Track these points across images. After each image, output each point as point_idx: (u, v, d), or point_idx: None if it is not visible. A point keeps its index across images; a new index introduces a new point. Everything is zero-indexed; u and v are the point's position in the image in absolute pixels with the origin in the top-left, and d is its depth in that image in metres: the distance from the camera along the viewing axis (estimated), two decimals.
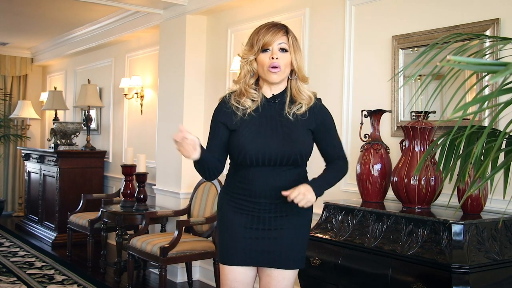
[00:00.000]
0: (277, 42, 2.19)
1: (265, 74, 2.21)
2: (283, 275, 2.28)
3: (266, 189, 2.23)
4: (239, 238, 2.26)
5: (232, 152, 2.26)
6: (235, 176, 2.30)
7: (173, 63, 5.06)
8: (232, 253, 2.27)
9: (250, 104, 2.24)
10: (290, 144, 2.20)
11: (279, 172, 2.23)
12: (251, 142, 2.20)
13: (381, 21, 3.43)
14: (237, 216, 2.27)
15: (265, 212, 2.25)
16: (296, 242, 2.28)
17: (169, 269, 4.52)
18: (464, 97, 1.80)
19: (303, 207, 2.17)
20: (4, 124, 8.37)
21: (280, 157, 2.19)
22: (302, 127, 2.24)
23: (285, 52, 2.20)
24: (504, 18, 2.78)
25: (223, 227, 2.32)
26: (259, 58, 2.20)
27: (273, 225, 2.25)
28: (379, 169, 3.00)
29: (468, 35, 2.01)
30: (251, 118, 2.23)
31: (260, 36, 2.19)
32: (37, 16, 6.36)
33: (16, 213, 8.54)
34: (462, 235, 2.36)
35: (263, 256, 2.26)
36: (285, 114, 2.24)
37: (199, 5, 4.75)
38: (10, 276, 4.87)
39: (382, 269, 2.53)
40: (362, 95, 3.54)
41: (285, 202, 2.19)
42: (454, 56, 1.02)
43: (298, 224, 2.29)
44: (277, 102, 2.27)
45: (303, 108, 2.25)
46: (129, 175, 5.15)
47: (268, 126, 2.22)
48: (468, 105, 1.09)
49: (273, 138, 2.20)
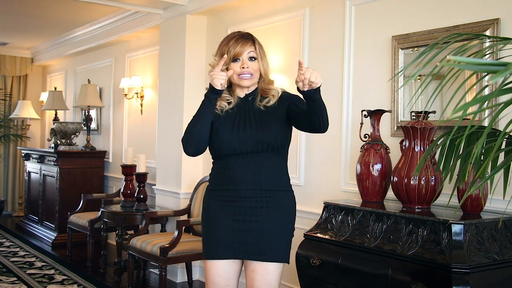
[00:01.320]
0: (247, 52, 2.39)
1: (237, 81, 2.41)
2: (267, 269, 2.34)
3: (246, 174, 2.35)
4: (222, 230, 2.36)
5: (212, 146, 2.42)
6: (216, 169, 2.46)
7: (173, 63, 5.06)
8: (215, 247, 2.38)
9: (226, 105, 2.44)
10: (263, 129, 2.36)
11: (258, 159, 2.36)
12: (227, 134, 2.37)
13: (381, 21, 3.43)
14: (220, 209, 2.38)
15: (246, 201, 2.35)
16: (278, 236, 2.36)
17: (169, 269, 4.52)
18: (464, 97, 1.80)
19: (283, 188, 2.39)
20: (4, 124, 8.37)
21: (255, 142, 2.34)
22: (275, 115, 2.40)
23: (253, 60, 2.41)
24: (504, 18, 2.78)
25: (207, 221, 2.44)
26: (231, 67, 2.39)
27: (254, 216, 2.34)
28: (379, 169, 3.00)
29: (468, 35, 2.01)
30: (228, 115, 2.42)
31: (230, 48, 2.38)
32: (37, 16, 6.36)
33: (16, 213, 8.54)
34: (462, 235, 2.37)
35: (245, 249, 2.34)
36: (257, 107, 2.42)
37: (199, 5, 4.75)
38: (10, 276, 4.87)
39: (382, 269, 2.54)
40: (362, 95, 3.54)
41: (266, 190, 2.34)
42: (454, 56, 1.02)
43: (280, 218, 2.38)
44: (250, 100, 2.46)
45: (272, 101, 2.43)
46: (129, 175, 5.15)
47: (242, 119, 2.40)
48: (468, 105, 1.09)
49: (247, 127, 2.37)
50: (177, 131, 4.95)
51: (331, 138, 3.72)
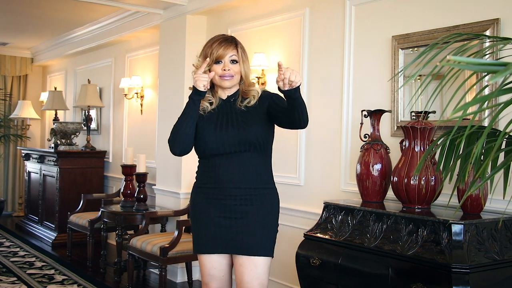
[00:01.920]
0: (229, 55, 2.48)
1: (219, 82, 2.50)
2: (254, 263, 2.44)
3: (230, 174, 2.44)
4: (209, 226, 2.46)
5: (196, 146, 2.51)
6: (202, 168, 2.54)
7: (173, 63, 5.06)
8: (204, 242, 2.49)
9: (208, 105, 2.53)
10: (245, 129, 2.44)
11: (241, 159, 2.45)
12: (210, 135, 2.45)
13: (381, 21, 3.43)
14: (206, 206, 2.48)
15: (231, 199, 2.44)
16: (262, 231, 2.45)
17: (169, 269, 4.52)
18: (464, 97, 1.80)
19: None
20: (4, 124, 8.37)
21: (238, 142, 2.42)
22: (256, 115, 2.48)
23: (235, 63, 2.50)
24: (504, 18, 2.78)
25: (195, 218, 2.53)
26: (213, 69, 2.48)
27: (238, 213, 2.44)
28: (379, 169, 3.00)
29: (468, 35, 2.01)
30: (210, 116, 2.50)
31: (213, 50, 2.47)
32: (37, 16, 6.36)
33: (16, 213, 8.54)
34: (462, 235, 2.37)
35: (232, 244, 2.45)
36: (238, 108, 2.50)
37: (199, 5, 4.75)
38: (10, 276, 4.87)
39: (382, 269, 2.54)
40: (362, 95, 3.54)
41: (250, 188, 2.44)
42: (454, 56, 1.02)
43: (263, 213, 2.47)
44: (232, 101, 2.54)
45: (253, 101, 2.51)
46: (129, 175, 5.15)
47: (224, 119, 2.49)
48: (468, 105, 1.09)
49: (230, 128, 2.46)
50: None
51: (331, 138, 3.72)
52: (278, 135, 2.80)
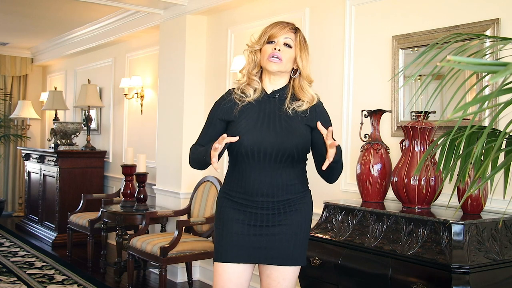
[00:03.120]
0: (283, 36, 2.22)
1: (265, 62, 2.23)
2: (283, 275, 2.24)
3: (262, 187, 2.21)
4: (236, 234, 2.23)
5: (230, 145, 2.23)
6: (233, 173, 2.30)
7: (173, 63, 5.06)
8: (228, 251, 2.24)
9: (252, 93, 2.26)
10: (287, 136, 2.19)
11: (276, 168, 2.20)
12: (247, 132, 2.19)
13: (381, 21, 3.42)
14: (234, 213, 2.25)
15: (263, 210, 2.23)
16: (294, 239, 2.24)
17: (169, 269, 4.52)
18: (464, 97, 1.80)
19: (301, 207, 2.25)
20: (4, 124, 8.37)
21: (276, 150, 2.17)
22: (301, 123, 2.23)
23: (289, 48, 2.23)
24: (504, 18, 2.78)
25: (221, 224, 2.29)
26: (263, 48, 2.24)
27: (271, 221, 2.23)
28: (379, 169, 3.00)
29: (468, 35, 2.01)
30: (250, 109, 2.24)
31: (268, 29, 2.25)
32: (37, 16, 6.36)
33: (16, 213, 8.54)
34: (462, 235, 2.36)
35: (261, 253, 2.23)
36: (284, 109, 2.24)
37: (199, 5, 4.75)
38: (10, 276, 4.87)
39: (382, 269, 2.53)
40: (362, 95, 3.54)
41: (282, 200, 2.22)
42: (454, 56, 1.02)
43: (297, 221, 2.25)
44: (277, 98, 2.27)
45: (304, 106, 2.25)
46: (129, 175, 5.15)
47: (265, 120, 2.22)
48: (468, 105, 1.09)
49: (270, 131, 2.19)
50: (177, 131, 4.95)
51: None
52: None
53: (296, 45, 2.24)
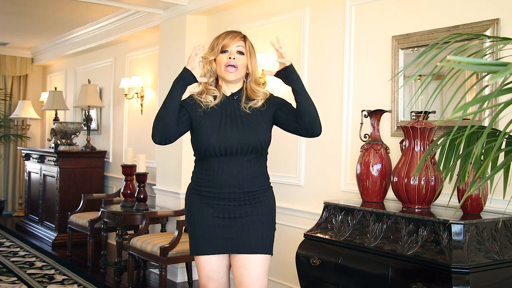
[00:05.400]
0: (235, 44, 2.43)
1: (222, 72, 2.43)
2: (255, 263, 2.41)
3: (229, 179, 2.39)
4: (206, 227, 2.42)
5: (196, 144, 2.44)
6: (200, 170, 2.48)
7: (173, 63, 5.06)
8: (202, 243, 2.43)
9: (212, 100, 2.45)
10: (249, 133, 2.39)
11: (241, 162, 2.40)
12: (213, 133, 2.38)
13: (381, 21, 3.42)
14: (203, 207, 2.44)
15: (230, 201, 2.41)
16: (261, 228, 2.43)
17: (169, 269, 4.52)
18: (464, 97, 1.80)
19: (266, 195, 2.48)
20: (5, 124, 8.37)
21: (241, 146, 2.37)
22: (261, 119, 2.44)
23: (241, 55, 2.44)
24: (504, 18, 2.78)
25: (192, 220, 2.48)
26: (218, 58, 2.44)
27: (237, 213, 2.41)
28: (379, 169, 3.00)
29: (468, 35, 2.01)
30: (213, 112, 2.43)
31: (220, 40, 2.44)
32: (37, 16, 6.36)
33: (16, 213, 8.54)
34: (462, 235, 2.37)
35: (231, 243, 2.41)
36: (242, 109, 2.44)
37: (199, 5, 4.75)
38: (10, 276, 4.87)
39: (382, 269, 2.54)
40: (362, 95, 3.54)
41: (248, 192, 2.42)
42: (454, 56, 1.02)
43: (262, 212, 2.45)
44: (236, 99, 2.48)
45: (260, 103, 2.47)
46: (129, 175, 5.15)
47: (228, 120, 2.42)
48: (468, 105, 1.09)
49: (233, 129, 2.40)
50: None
51: (331, 138, 3.71)
52: (278, 135, 2.80)
53: (247, 52, 2.45)
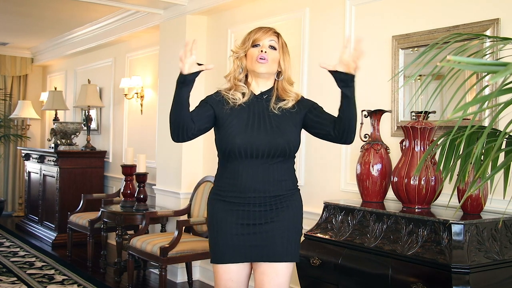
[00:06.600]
0: (268, 39, 2.32)
1: (253, 65, 2.30)
2: (276, 270, 2.27)
3: (255, 183, 2.26)
4: (230, 235, 2.28)
5: (221, 144, 2.29)
6: (224, 173, 2.34)
7: (173, 63, 5.06)
8: (224, 251, 2.29)
9: (240, 97, 2.32)
10: (278, 135, 2.26)
11: (267, 165, 2.27)
12: (239, 133, 2.25)
13: (381, 21, 3.42)
14: (227, 214, 2.30)
15: (255, 207, 2.27)
16: (287, 235, 2.29)
17: (169, 269, 4.52)
18: (464, 97, 1.81)
19: (293, 204, 2.33)
20: (4, 124, 8.37)
21: (268, 148, 2.24)
22: (290, 120, 2.32)
23: (274, 50, 2.33)
24: (504, 18, 2.78)
25: (214, 226, 2.33)
26: (249, 52, 2.32)
27: (263, 219, 2.28)
28: (379, 169, 3.00)
29: (468, 35, 2.01)
30: (240, 110, 2.30)
31: (251, 34, 2.34)
32: (37, 16, 6.36)
33: (16, 213, 8.54)
34: (462, 235, 2.37)
35: (255, 251, 2.28)
36: (271, 109, 2.32)
37: (199, 5, 4.75)
38: (10, 276, 4.87)
39: (382, 269, 2.53)
40: (362, 95, 3.53)
41: (274, 196, 2.28)
42: (454, 56, 1.02)
43: (288, 217, 2.31)
44: (265, 98, 2.35)
45: (290, 103, 2.34)
46: (129, 175, 5.15)
47: (256, 120, 2.29)
48: (468, 105, 1.09)
49: (261, 130, 2.27)
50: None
51: None
52: None
53: (280, 47, 2.35)
